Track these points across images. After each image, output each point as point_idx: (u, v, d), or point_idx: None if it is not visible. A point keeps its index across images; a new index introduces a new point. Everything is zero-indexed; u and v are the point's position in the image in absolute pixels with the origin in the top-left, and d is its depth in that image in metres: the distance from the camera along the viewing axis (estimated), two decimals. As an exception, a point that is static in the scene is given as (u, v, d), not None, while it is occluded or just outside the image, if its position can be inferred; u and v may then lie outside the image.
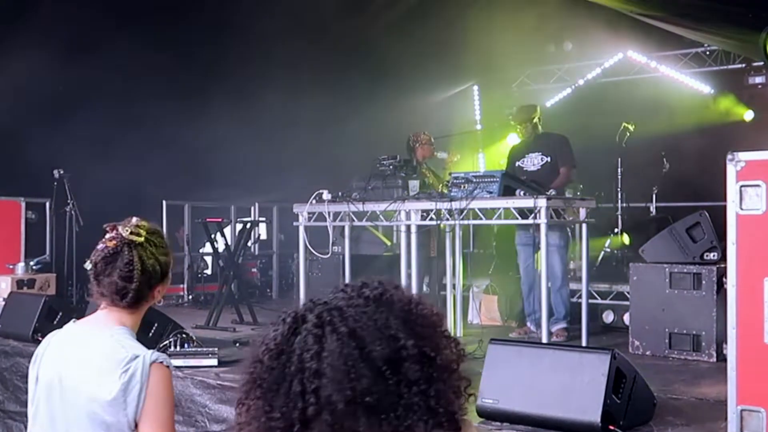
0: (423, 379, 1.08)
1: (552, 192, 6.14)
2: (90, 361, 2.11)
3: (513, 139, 8.34)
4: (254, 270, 10.50)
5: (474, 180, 6.17)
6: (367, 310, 1.12)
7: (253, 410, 1.11)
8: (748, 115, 9.88)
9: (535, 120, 6.93)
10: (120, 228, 2.19)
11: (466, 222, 6.20)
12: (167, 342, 5.40)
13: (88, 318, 2.25)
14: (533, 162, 6.86)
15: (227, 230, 9.33)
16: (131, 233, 2.17)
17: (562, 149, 6.81)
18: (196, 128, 9.79)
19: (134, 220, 2.21)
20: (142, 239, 2.18)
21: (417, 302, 1.15)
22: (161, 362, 2.10)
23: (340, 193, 6.84)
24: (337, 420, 1.05)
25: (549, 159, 6.80)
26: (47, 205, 8.61)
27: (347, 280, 1.31)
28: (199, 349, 5.41)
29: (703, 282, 5.69)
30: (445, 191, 6.31)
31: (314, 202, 6.88)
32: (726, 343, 3.46)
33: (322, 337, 1.09)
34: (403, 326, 1.11)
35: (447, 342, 1.14)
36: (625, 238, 8.38)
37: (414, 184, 6.58)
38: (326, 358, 1.07)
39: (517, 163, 6.91)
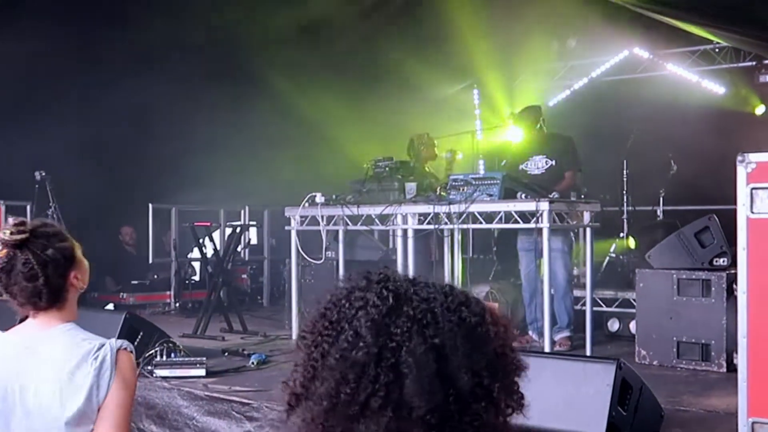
0: (484, 413, 1.15)
1: (555, 195, 6.14)
2: (50, 365, 2.15)
3: (514, 137, 8.35)
4: (244, 276, 10.50)
5: (473, 182, 6.18)
6: (460, 333, 1.16)
7: (324, 369, 1.14)
8: (760, 110, 9.90)
9: (541, 122, 6.93)
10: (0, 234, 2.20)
11: (465, 226, 6.21)
12: (153, 351, 5.39)
13: (19, 328, 2.27)
14: (537, 165, 6.86)
15: (216, 235, 9.32)
16: (12, 234, 2.18)
17: (568, 152, 6.81)
18: (184, 129, 9.81)
19: (11, 220, 2.22)
20: (27, 235, 2.19)
21: (510, 345, 1.22)
22: (125, 348, 2.20)
23: (333, 196, 6.86)
24: (394, 424, 1.10)
25: (554, 162, 6.80)
26: (28, 208, 8.60)
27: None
28: (186, 359, 5.41)
29: (713, 289, 5.69)
30: (444, 194, 6.33)
31: (307, 205, 6.90)
32: (736, 352, 3.45)
33: (414, 338, 1.13)
34: (490, 368, 1.16)
35: (518, 386, 1.21)
36: (631, 242, 8.38)
37: (411, 187, 6.59)
38: (411, 361, 1.12)
39: (520, 167, 6.91)
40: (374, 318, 1.14)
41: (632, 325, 6.68)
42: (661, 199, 9.03)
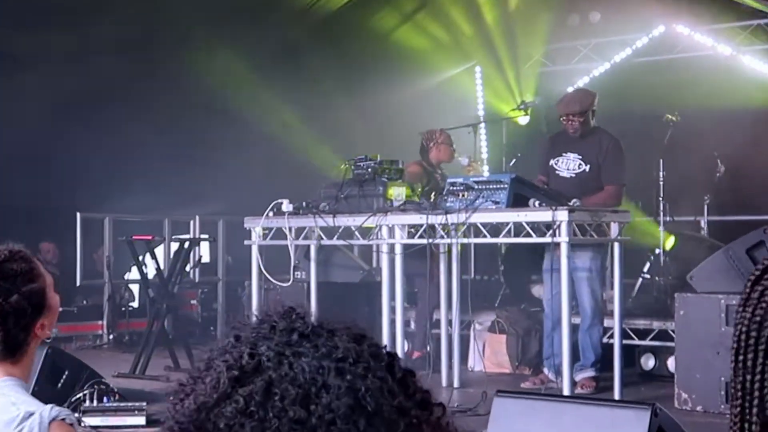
0: None
1: (576, 202, 6.15)
2: None
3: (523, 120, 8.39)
4: (194, 302, 10.50)
5: (476, 186, 6.20)
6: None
7: None
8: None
9: (589, 113, 6.87)
10: None
11: (465, 240, 6.24)
12: (81, 395, 5.36)
13: None
14: (568, 166, 6.88)
15: (159, 251, 9.29)
16: None
17: (610, 159, 6.79)
18: (117, 122, 9.78)
19: None
20: None
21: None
22: (63, 419, 2.09)
23: (304, 204, 6.87)
24: None
25: (588, 167, 6.81)
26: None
27: (314, 314, 1.20)
28: (122, 404, 5.38)
29: (769, 317, 5.72)
30: (441, 200, 6.37)
31: (271, 214, 6.91)
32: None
33: None
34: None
35: None
36: (669, 241, 8.39)
37: (399, 192, 6.61)
38: None
39: (550, 162, 6.95)
40: (208, 394, 1.10)
41: (671, 362, 6.69)
42: (706, 207, 9.05)
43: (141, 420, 5.31)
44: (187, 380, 1.14)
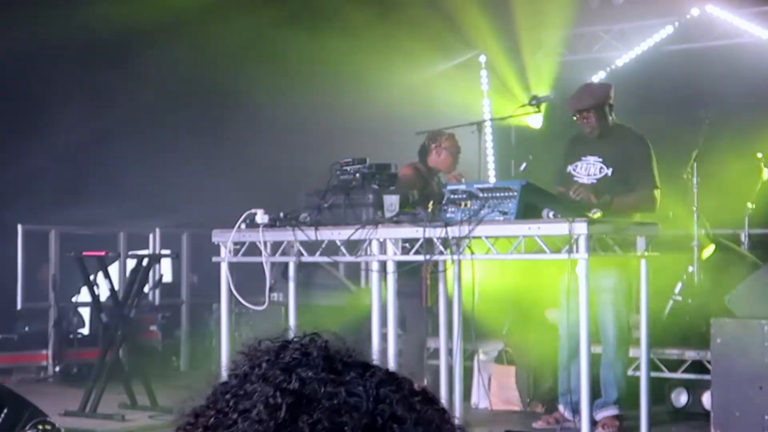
0: None
1: (596, 212, 6.17)
2: None
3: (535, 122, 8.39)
4: (153, 328, 10.45)
5: (481, 194, 6.22)
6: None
7: None
8: None
9: (606, 108, 6.95)
10: None
11: (468, 257, 6.23)
12: (21, 437, 5.34)
13: None
14: (588, 171, 6.94)
15: (113, 269, 9.28)
16: None
17: (639, 160, 6.85)
18: (63, 121, 9.79)
19: None
20: None
21: None
22: None
23: (282, 214, 6.87)
24: None
25: (611, 171, 6.86)
26: None
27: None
28: (69, 449, 5.35)
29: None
30: (439, 211, 6.37)
31: (243, 227, 6.91)
32: None
33: None
34: None
35: None
36: (708, 250, 8.39)
37: (392, 201, 6.61)
38: None
39: (568, 168, 7.01)
40: None
41: (706, 398, 6.70)
42: (747, 218, 9.05)
43: (92, 466, 5.30)
44: (207, 412, 1.23)
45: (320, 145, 8.88)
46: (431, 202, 6.64)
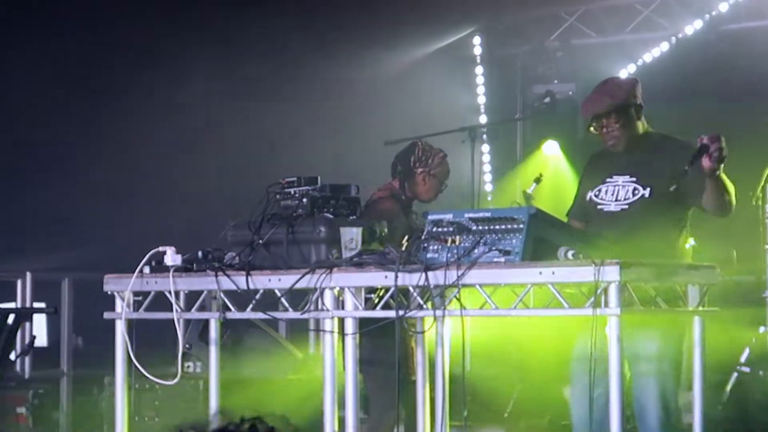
0: None
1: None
2: None
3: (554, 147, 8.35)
4: (21, 411, 10.38)
5: (474, 227, 6.19)
6: None
7: None
8: None
9: (631, 110, 6.91)
10: None
11: (457, 313, 6.18)
12: None
13: None
14: (617, 194, 6.89)
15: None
16: None
17: (686, 171, 6.64)
18: None
19: None
20: None
21: None
22: None
23: (200, 254, 6.88)
24: None
25: (648, 192, 6.79)
26: None
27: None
28: None
29: None
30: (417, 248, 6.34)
31: (148, 270, 6.93)
32: None
33: None
34: None
35: None
36: None
37: (352, 235, 6.61)
38: None
39: (588, 195, 6.98)
40: None
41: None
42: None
43: None
44: None
45: (254, 161, 8.86)
46: (406, 238, 6.57)
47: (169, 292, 6.82)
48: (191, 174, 10.09)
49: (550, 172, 10.27)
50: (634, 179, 6.83)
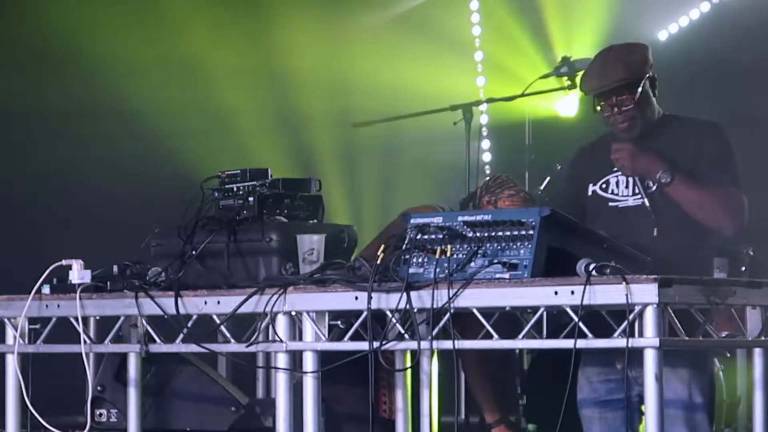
0: None
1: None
2: None
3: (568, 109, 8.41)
4: None
5: (470, 233, 6.19)
6: None
7: None
8: None
9: (645, 84, 6.97)
10: None
11: (447, 346, 6.18)
12: None
13: None
14: (629, 188, 6.98)
15: None
16: None
17: (710, 152, 6.91)
18: None
19: None
20: None
21: None
22: None
23: (116, 270, 6.92)
24: None
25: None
26: None
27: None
28: None
29: None
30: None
31: (48, 291, 6.94)
32: None
33: None
34: None
35: None
36: None
37: (312, 244, 6.63)
38: None
39: (591, 188, 7.07)
40: None
41: None
42: None
43: None
44: None
45: (186, 147, 8.84)
46: (382, 248, 6.55)
47: (76, 319, 6.82)
48: (99, 164, 10.09)
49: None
50: None
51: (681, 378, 6.62)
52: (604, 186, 7.02)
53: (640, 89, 6.93)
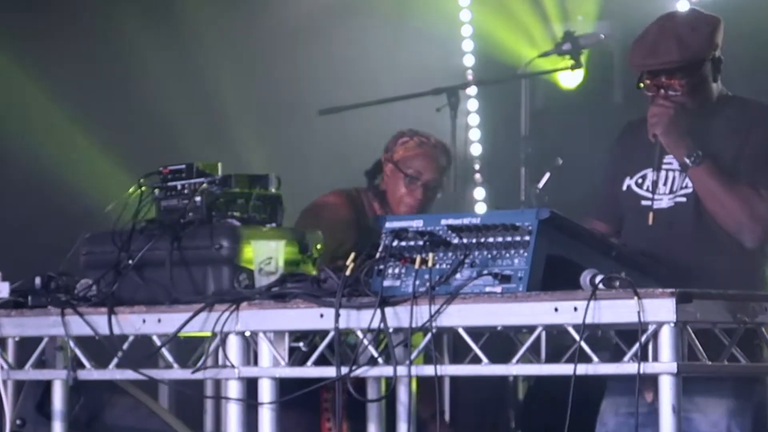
0: None
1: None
2: None
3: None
4: None
5: (456, 239, 6.19)
6: None
7: None
8: None
9: (707, 68, 6.91)
10: None
11: (428, 372, 6.16)
12: None
13: None
14: (671, 183, 6.93)
15: None
16: None
17: (755, 148, 6.86)
18: None
19: None
20: None
21: None
22: None
23: (38, 281, 6.93)
24: None
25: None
26: None
27: None
28: None
29: None
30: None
31: None
32: None
33: None
34: None
35: None
36: None
37: (269, 250, 6.64)
38: None
39: (626, 182, 7.04)
40: None
41: None
42: None
43: None
44: None
45: (119, 140, 8.85)
46: (352, 257, 6.50)
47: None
48: (19, 157, 10.14)
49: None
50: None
51: (720, 409, 6.58)
52: (640, 181, 6.98)
53: (694, 75, 6.87)
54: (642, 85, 6.88)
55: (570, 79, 10.17)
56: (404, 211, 8.10)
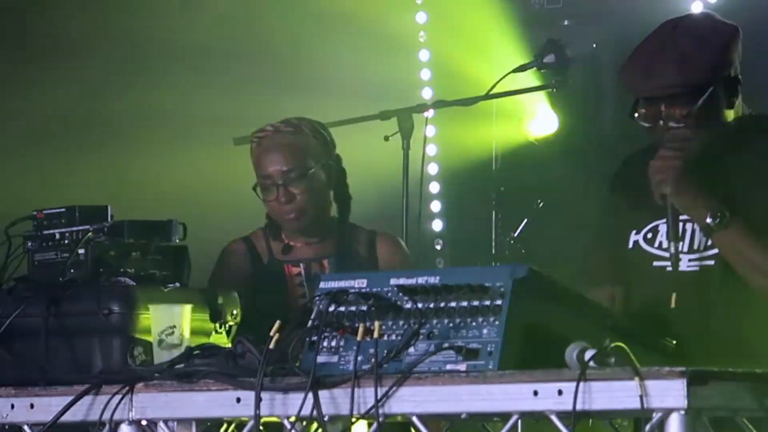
0: None
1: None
2: None
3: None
4: None
5: (409, 303, 6.23)
6: None
7: None
8: None
9: (719, 92, 6.91)
10: None
11: None
12: None
13: None
14: (688, 238, 6.98)
15: None
16: None
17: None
18: None
19: None
20: None
21: None
22: None
23: None
24: None
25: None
26: None
27: None
28: None
29: None
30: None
31: None
32: None
33: None
34: None
35: None
36: None
37: (171, 316, 6.69)
38: None
39: (633, 237, 7.08)
40: None
41: None
42: None
43: None
44: None
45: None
46: (277, 325, 6.56)
47: None
48: None
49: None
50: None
51: None
52: (650, 235, 7.02)
53: (700, 102, 6.81)
54: (637, 114, 6.90)
55: (543, 122, 10.26)
56: (287, 225, 8.34)
